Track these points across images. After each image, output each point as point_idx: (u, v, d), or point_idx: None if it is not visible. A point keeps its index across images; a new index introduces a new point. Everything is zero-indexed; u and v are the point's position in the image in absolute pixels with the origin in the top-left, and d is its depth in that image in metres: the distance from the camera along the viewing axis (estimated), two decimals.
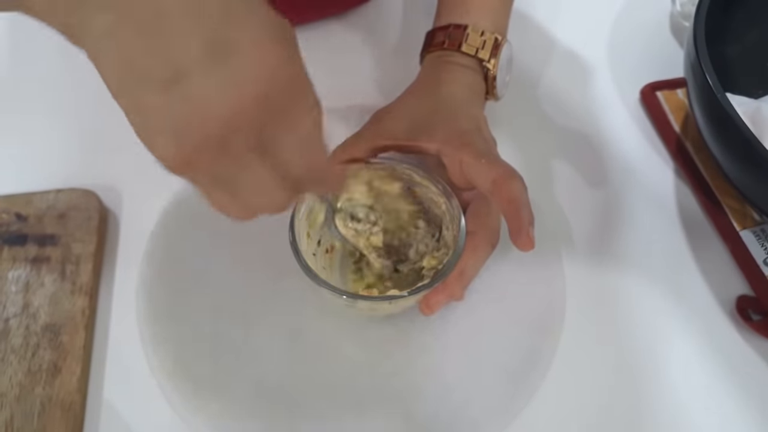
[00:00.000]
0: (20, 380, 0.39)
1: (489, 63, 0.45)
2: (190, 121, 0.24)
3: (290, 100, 0.25)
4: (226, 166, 0.26)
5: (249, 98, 0.23)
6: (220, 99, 0.23)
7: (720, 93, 0.41)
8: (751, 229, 0.47)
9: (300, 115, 0.26)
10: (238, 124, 0.24)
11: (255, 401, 0.39)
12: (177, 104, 0.23)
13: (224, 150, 0.25)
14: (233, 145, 0.25)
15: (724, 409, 0.41)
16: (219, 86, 0.23)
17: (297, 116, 0.26)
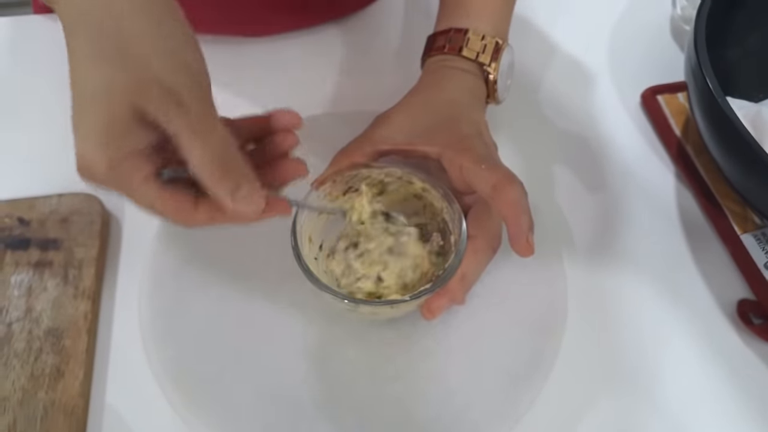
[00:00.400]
0: (23, 384, 0.39)
1: (490, 67, 0.46)
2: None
3: (109, 182, 0.31)
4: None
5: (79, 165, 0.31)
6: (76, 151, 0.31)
7: (720, 97, 0.41)
8: (752, 232, 0.47)
9: (127, 188, 0.32)
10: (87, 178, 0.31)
11: (257, 405, 0.39)
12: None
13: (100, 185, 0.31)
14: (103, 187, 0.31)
15: (725, 412, 0.41)
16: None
17: (125, 187, 0.32)
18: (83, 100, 0.30)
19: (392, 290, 0.39)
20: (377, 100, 0.55)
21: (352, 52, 0.59)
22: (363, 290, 0.40)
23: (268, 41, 0.58)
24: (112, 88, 0.29)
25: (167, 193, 0.31)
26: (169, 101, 0.29)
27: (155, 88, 0.29)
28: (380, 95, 0.55)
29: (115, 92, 0.29)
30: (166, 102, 0.29)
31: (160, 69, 0.29)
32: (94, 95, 0.29)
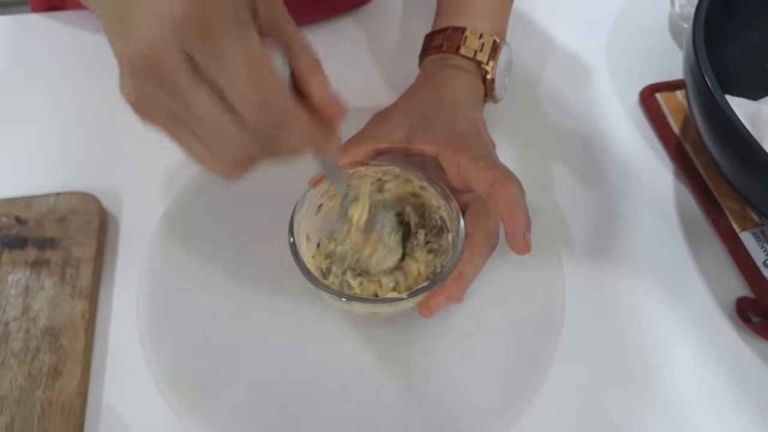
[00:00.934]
0: (20, 384, 0.39)
1: (487, 65, 0.45)
2: (125, 49, 0.26)
3: (213, 25, 0.26)
4: (170, 96, 0.27)
5: (168, 20, 0.25)
6: (142, 26, 0.25)
7: (719, 95, 0.41)
8: (751, 230, 0.47)
9: (229, 41, 0.26)
10: (161, 47, 0.25)
11: (255, 404, 0.39)
12: (119, 37, 0.27)
13: (160, 78, 0.26)
14: (166, 71, 0.26)
15: (723, 410, 0.41)
16: (143, 14, 0.25)
17: (225, 42, 0.26)
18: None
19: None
20: (375, 99, 0.55)
21: (348, 51, 0.59)
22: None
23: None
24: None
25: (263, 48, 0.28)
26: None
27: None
28: (378, 94, 0.55)
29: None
30: None
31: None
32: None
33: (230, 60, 0.26)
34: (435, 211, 0.42)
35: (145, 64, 0.26)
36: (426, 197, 0.42)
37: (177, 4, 0.25)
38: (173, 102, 0.27)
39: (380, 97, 0.55)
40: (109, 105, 0.54)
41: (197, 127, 0.28)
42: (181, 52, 0.26)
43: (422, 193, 0.42)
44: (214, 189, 0.47)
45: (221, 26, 0.26)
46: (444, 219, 0.41)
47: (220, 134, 0.28)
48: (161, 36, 0.25)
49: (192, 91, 0.27)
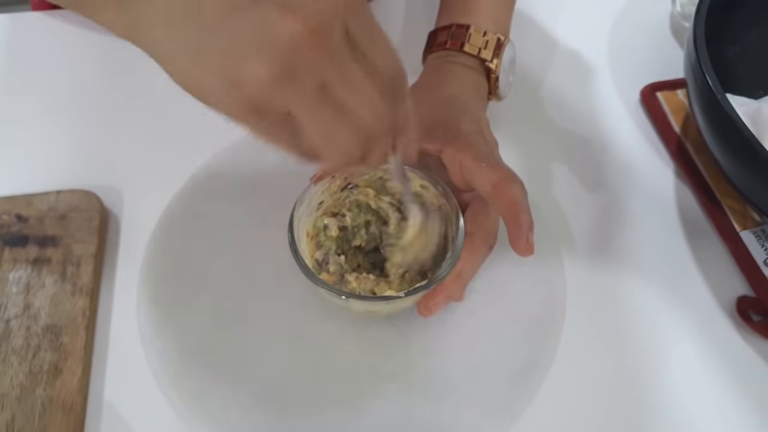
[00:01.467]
0: (21, 381, 0.39)
1: (491, 63, 0.45)
2: (285, 22, 0.24)
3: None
4: (325, 66, 0.25)
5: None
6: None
7: (720, 94, 0.41)
8: (752, 229, 0.47)
9: (369, 15, 0.27)
10: (328, 17, 0.24)
11: (255, 402, 0.39)
12: (260, 18, 0.24)
13: (319, 47, 0.25)
14: (326, 40, 0.25)
15: (724, 409, 0.41)
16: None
17: (368, 15, 0.26)
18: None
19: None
20: None
21: None
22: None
23: None
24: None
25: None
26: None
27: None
28: None
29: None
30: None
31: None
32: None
33: (376, 34, 0.27)
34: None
35: (312, 35, 0.24)
36: (426, 196, 0.42)
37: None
38: (331, 75, 0.26)
39: None
40: (110, 103, 0.54)
41: (347, 102, 0.27)
42: (344, 24, 0.25)
43: (423, 192, 0.42)
44: (215, 187, 0.47)
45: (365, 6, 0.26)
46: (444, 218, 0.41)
47: (365, 101, 0.27)
48: (327, 8, 0.24)
49: (350, 66, 0.26)
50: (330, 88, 0.26)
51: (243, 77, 0.25)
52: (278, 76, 0.24)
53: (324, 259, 0.41)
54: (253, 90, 0.25)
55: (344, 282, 0.40)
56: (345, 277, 0.41)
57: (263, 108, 0.26)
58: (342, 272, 0.41)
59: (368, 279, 0.40)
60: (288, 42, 0.24)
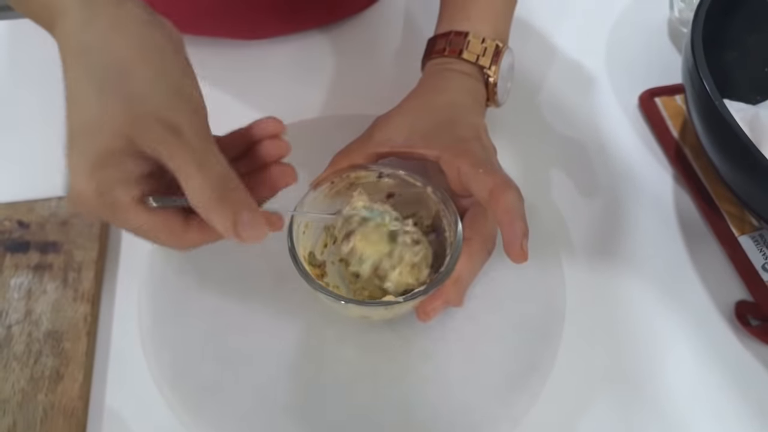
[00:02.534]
0: (23, 387, 0.39)
1: (490, 70, 0.46)
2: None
3: (96, 210, 0.31)
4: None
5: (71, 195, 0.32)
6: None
7: (717, 99, 0.41)
8: (750, 234, 0.48)
9: (111, 218, 0.32)
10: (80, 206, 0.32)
11: (256, 407, 0.39)
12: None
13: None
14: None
15: (723, 414, 0.42)
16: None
17: (110, 218, 0.32)
18: (77, 131, 0.31)
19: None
20: (377, 103, 0.55)
21: (351, 55, 0.59)
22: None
23: (267, 44, 0.58)
24: (108, 120, 0.30)
25: (157, 215, 0.32)
26: (168, 136, 0.29)
27: (154, 124, 0.29)
28: (380, 97, 0.55)
29: (111, 124, 0.30)
30: (166, 137, 0.29)
31: (160, 103, 0.30)
32: (89, 126, 0.30)
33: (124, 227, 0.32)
34: (434, 215, 0.42)
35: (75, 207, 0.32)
36: (425, 201, 0.42)
37: (72, 189, 0.31)
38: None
39: (382, 100, 0.55)
40: None
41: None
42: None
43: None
44: None
45: (101, 211, 0.31)
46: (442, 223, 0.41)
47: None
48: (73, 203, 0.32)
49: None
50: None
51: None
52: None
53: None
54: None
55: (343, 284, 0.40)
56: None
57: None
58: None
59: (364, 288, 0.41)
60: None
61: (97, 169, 0.30)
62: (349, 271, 0.40)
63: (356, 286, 0.41)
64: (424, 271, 0.39)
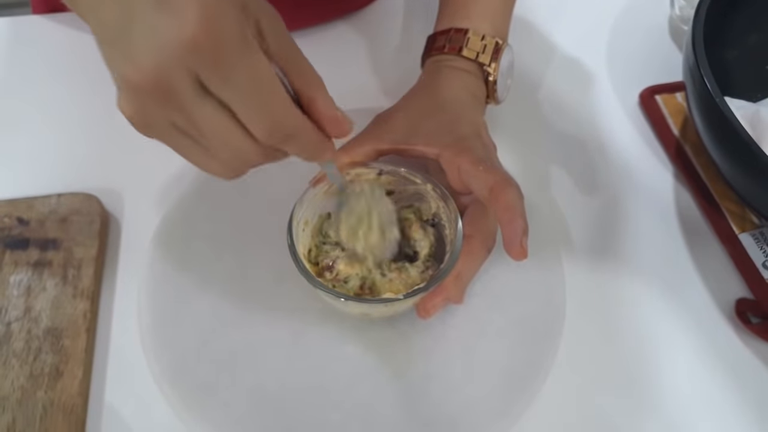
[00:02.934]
0: (22, 384, 0.39)
1: (489, 67, 0.46)
2: (127, 72, 0.26)
3: (221, 48, 0.26)
4: (176, 115, 0.27)
5: (176, 43, 0.25)
6: (146, 48, 0.25)
7: (718, 97, 0.41)
8: (750, 232, 0.47)
9: (237, 64, 0.26)
10: (168, 71, 0.25)
11: (256, 404, 0.39)
12: (120, 57, 0.26)
13: (166, 99, 0.26)
14: (174, 93, 0.26)
15: (723, 411, 0.41)
16: (147, 35, 0.25)
17: (234, 65, 0.26)
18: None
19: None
20: (376, 100, 0.55)
21: (351, 52, 0.59)
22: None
23: None
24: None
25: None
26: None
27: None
28: (380, 95, 0.56)
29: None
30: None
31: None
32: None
33: (239, 83, 0.27)
34: (434, 212, 0.42)
35: (151, 86, 0.26)
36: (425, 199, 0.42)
37: (185, 27, 0.24)
38: (179, 119, 0.28)
39: (382, 98, 0.55)
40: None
41: (203, 141, 0.29)
42: (190, 74, 0.26)
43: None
44: (216, 190, 0.47)
45: (229, 49, 0.26)
46: (442, 220, 0.41)
47: (229, 147, 0.29)
48: (169, 59, 0.25)
49: (200, 111, 0.27)
50: (181, 128, 0.28)
51: (122, 111, 0.28)
52: (136, 119, 0.28)
53: (327, 263, 0.41)
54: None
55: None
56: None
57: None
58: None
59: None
60: (132, 91, 0.27)
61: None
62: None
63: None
64: (394, 231, 0.40)
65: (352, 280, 0.40)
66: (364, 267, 0.40)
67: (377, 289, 0.40)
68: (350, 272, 0.40)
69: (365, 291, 0.40)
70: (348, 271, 0.40)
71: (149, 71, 0.25)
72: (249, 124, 0.28)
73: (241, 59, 0.26)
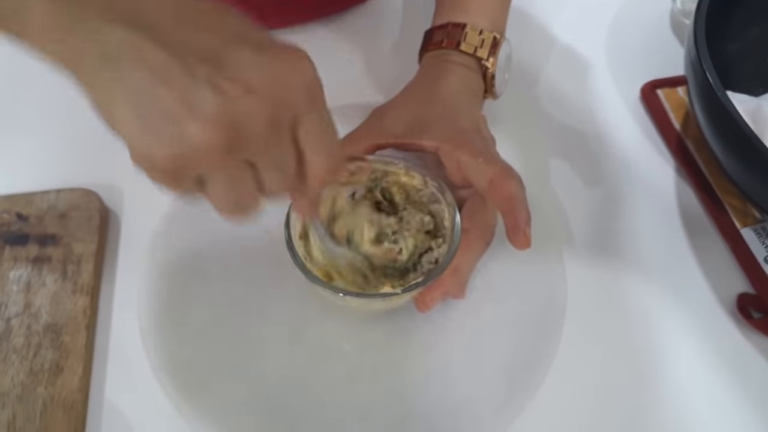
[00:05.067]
0: (22, 380, 0.39)
1: (488, 61, 0.45)
2: (234, 100, 0.24)
3: (313, 97, 0.27)
4: (261, 150, 0.26)
5: (291, 89, 0.26)
6: (266, 85, 0.25)
7: (720, 91, 0.41)
8: (752, 227, 0.47)
9: (319, 110, 0.28)
10: (283, 104, 0.25)
11: (257, 400, 0.39)
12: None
13: (269, 130, 0.26)
14: (278, 126, 0.26)
15: (725, 406, 0.41)
16: (262, 75, 0.25)
17: (322, 114, 0.28)
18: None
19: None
20: (375, 94, 0.55)
21: (349, 46, 0.59)
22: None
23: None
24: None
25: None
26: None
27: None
28: (377, 89, 0.55)
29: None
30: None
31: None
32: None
33: (320, 124, 0.28)
34: None
35: (268, 121, 0.25)
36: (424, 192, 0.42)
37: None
38: (260, 159, 0.27)
39: (380, 92, 0.55)
40: None
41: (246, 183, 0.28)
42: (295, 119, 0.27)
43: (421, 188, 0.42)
44: None
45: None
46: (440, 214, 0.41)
47: (275, 187, 0.29)
48: (292, 99, 0.26)
49: (283, 153, 0.27)
50: (257, 166, 0.27)
51: (182, 136, 0.24)
52: (219, 144, 0.25)
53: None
54: (187, 151, 0.25)
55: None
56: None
57: (184, 169, 0.26)
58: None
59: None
60: (246, 116, 0.24)
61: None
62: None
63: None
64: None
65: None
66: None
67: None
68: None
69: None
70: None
71: (273, 102, 0.25)
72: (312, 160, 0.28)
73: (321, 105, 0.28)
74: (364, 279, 0.39)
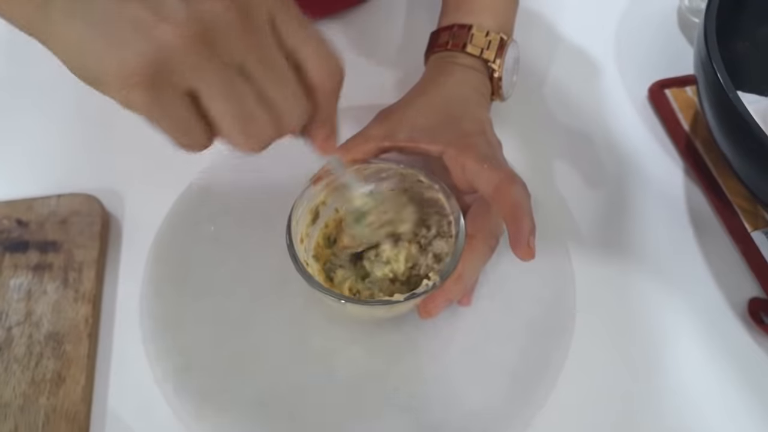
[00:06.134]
0: (24, 390, 0.38)
1: (494, 63, 0.45)
2: (211, 7, 0.23)
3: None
4: (248, 46, 0.25)
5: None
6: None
7: (731, 91, 0.40)
8: (763, 230, 0.47)
9: (297, 13, 0.28)
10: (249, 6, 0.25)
11: (260, 409, 0.39)
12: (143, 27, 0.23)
13: (242, 24, 0.24)
14: (249, 20, 0.25)
15: (735, 411, 0.41)
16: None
17: (296, 12, 0.28)
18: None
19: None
20: (379, 96, 0.54)
21: (354, 48, 0.58)
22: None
23: None
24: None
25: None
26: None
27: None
28: (383, 91, 0.55)
29: None
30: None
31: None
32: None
33: (310, 32, 0.28)
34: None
35: (237, 14, 0.24)
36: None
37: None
38: (250, 58, 0.25)
39: (385, 94, 0.54)
40: (111, 107, 0.53)
41: (255, 93, 0.26)
42: (271, 15, 0.26)
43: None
44: (217, 190, 0.46)
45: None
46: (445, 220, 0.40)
47: (285, 103, 0.28)
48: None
49: (275, 55, 0.26)
50: (249, 73, 0.25)
51: (154, 39, 0.23)
52: (194, 41, 0.23)
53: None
54: (162, 53, 0.23)
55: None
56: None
57: (165, 79, 0.24)
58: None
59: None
60: (209, 13, 0.23)
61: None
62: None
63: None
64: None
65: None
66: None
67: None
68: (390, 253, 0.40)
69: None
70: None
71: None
72: (309, 69, 0.28)
73: (300, 15, 0.27)
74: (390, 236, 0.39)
